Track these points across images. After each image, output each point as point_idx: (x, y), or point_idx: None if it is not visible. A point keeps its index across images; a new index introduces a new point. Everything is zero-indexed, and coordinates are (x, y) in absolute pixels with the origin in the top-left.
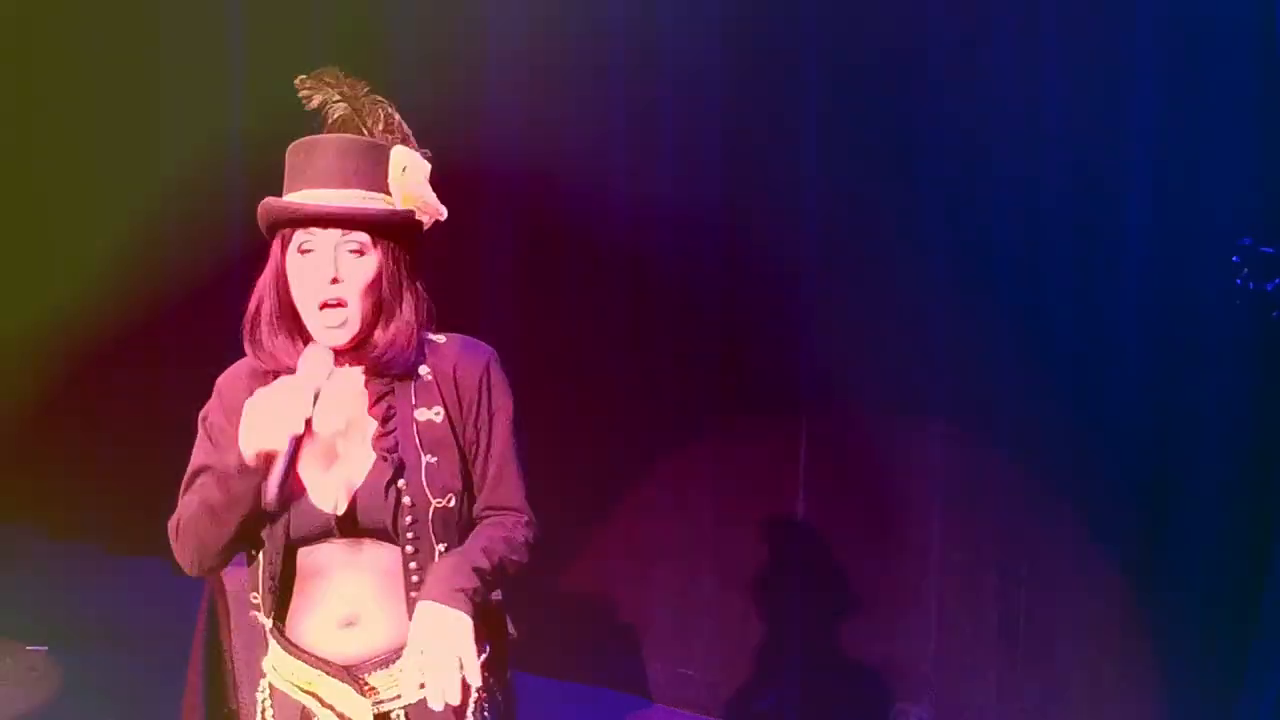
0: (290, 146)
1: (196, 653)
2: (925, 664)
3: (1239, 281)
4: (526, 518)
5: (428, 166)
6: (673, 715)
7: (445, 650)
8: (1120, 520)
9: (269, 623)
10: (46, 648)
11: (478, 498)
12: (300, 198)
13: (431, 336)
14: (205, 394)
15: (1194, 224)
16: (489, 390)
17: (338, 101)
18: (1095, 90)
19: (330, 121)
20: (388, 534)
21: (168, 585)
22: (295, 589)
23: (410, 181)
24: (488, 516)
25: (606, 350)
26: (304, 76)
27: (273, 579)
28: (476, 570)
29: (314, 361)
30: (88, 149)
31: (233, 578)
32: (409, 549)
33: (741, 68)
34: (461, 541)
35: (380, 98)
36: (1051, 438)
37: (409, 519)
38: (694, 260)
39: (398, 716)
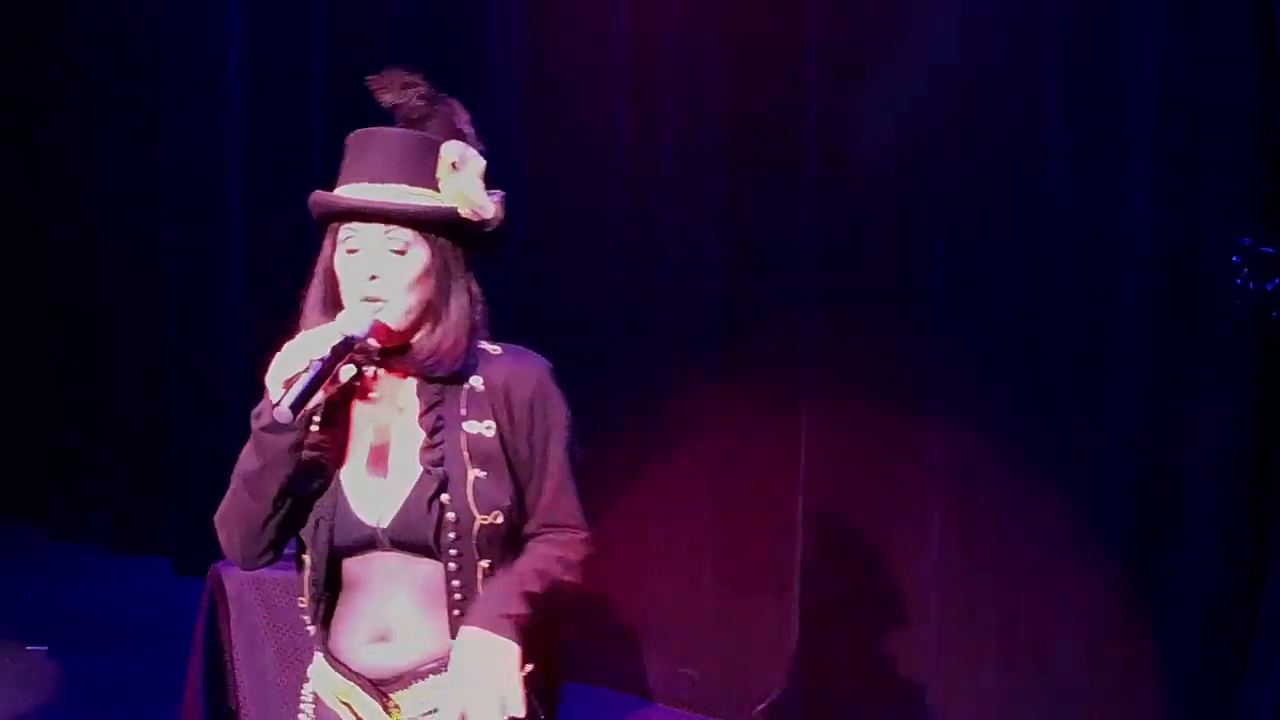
0: (347, 138)
1: (197, 653)
2: (925, 664)
3: (1239, 281)
4: (584, 534)
5: (482, 164)
6: (673, 715)
7: (488, 682)
8: (1120, 520)
9: (312, 629)
10: (46, 648)
11: (532, 516)
12: (346, 191)
13: (485, 346)
14: (204, 393)
15: (1194, 224)
16: (543, 406)
17: (408, 99)
18: (1095, 90)
19: (399, 119)
20: (430, 549)
21: (168, 585)
22: (340, 599)
23: (460, 178)
24: (542, 534)
25: (606, 350)
26: (374, 75)
27: (315, 585)
28: (527, 595)
29: (351, 312)
30: (87, 147)
31: (233, 579)
32: (452, 565)
33: (742, 68)
34: (506, 558)
35: (448, 95)
36: (1051, 438)
37: (452, 535)
38: (694, 260)
39: None
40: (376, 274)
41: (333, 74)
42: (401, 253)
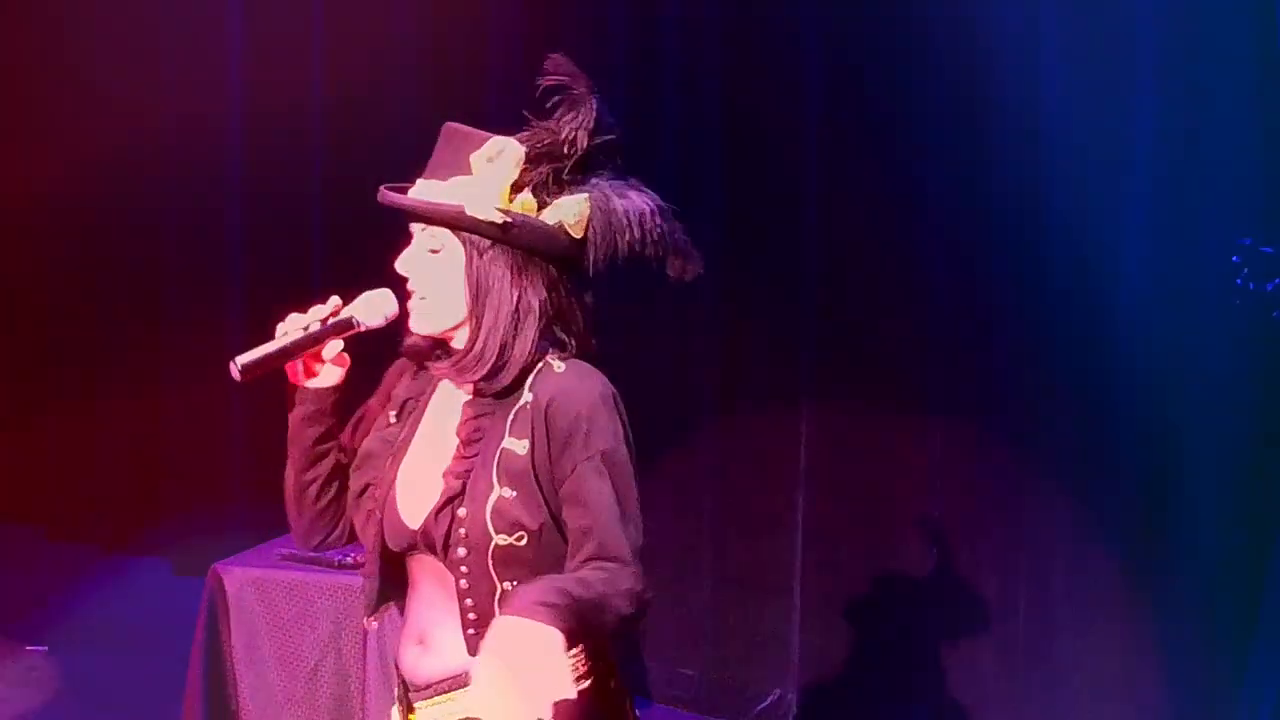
0: None
1: (197, 653)
2: (925, 664)
3: (1239, 281)
4: (633, 569)
5: (511, 165)
6: (673, 715)
7: (526, 670)
8: (1120, 519)
9: (365, 623)
10: (46, 648)
11: (578, 551)
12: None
13: (553, 362)
14: (204, 392)
15: (1194, 224)
16: (586, 431)
17: (567, 90)
18: (1096, 89)
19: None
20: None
21: (168, 585)
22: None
23: (481, 179)
24: (588, 565)
25: (604, 349)
26: (548, 58)
27: (367, 580)
28: (566, 593)
29: (369, 298)
30: (87, 142)
31: (234, 580)
32: (463, 584)
33: (742, 67)
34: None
35: (593, 93)
36: (1051, 437)
37: (462, 550)
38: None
39: None
40: (409, 270)
41: (334, 75)
42: (436, 251)
